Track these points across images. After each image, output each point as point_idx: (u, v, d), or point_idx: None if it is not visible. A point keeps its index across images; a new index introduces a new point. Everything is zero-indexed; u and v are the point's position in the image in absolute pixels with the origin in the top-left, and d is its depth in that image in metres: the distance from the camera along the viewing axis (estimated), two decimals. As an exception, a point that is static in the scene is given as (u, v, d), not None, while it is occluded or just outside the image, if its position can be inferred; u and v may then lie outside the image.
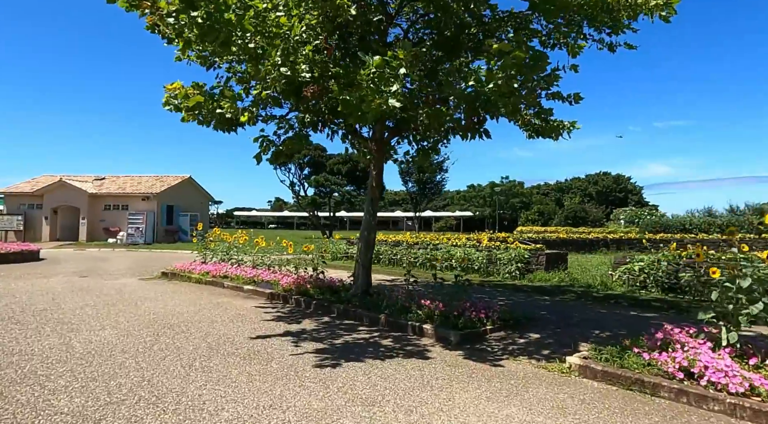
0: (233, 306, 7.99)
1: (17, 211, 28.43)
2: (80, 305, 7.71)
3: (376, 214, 8.64)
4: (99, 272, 13.05)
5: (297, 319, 7.01)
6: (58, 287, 9.85)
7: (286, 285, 8.98)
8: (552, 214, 49.51)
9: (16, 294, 8.76)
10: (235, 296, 9.20)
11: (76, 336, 5.64)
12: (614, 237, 22.41)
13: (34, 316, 6.78)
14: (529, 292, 9.68)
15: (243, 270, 10.65)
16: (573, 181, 74.97)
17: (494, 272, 11.99)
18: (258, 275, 10.14)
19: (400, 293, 7.30)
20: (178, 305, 7.99)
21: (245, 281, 10.08)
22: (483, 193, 60.73)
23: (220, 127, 7.27)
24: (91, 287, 9.94)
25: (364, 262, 8.32)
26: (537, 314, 7.18)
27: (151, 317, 6.86)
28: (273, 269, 10.49)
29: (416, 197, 32.69)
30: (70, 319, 6.63)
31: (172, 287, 10.19)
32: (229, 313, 7.37)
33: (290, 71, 5.59)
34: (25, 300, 8.14)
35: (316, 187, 37.20)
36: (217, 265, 11.66)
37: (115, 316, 6.91)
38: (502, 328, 6.18)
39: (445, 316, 6.16)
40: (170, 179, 30.42)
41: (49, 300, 8.18)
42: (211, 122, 7.24)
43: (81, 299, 8.41)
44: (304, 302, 8.11)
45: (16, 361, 4.60)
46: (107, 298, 8.54)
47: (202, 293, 9.46)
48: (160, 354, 4.93)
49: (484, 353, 5.19)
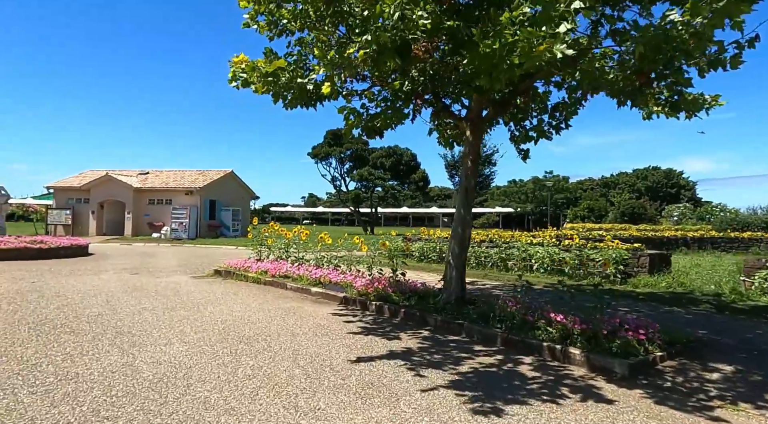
0: (307, 313, 6.87)
1: (66, 205, 28.68)
2: (137, 309, 6.77)
3: (471, 207, 7.32)
4: (149, 269, 12.32)
5: (390, 332, 5.80)
6: (110, 286, 9.04)
7: (361, 288, 7.80)
8: (603, 210, 46.70)
9: (68, 294, 7.95)
10: (303, 299, 8.10)
11: (140, 353, 4.60)
12: (694, 235, 20.24)
13: (89, 323, 5.84)
14: (644, 300, 8.14)
15: (306, 270, 9.56)
16: (620, 177, 71.26)
17: (587, 274, 10.46)
18: (324, 275, 9.02)
19: (510, 303, 5.97)
20: (244, 311, 6.94)
21: (311, 282, 8.99)
22: (525, 189, 58.20)
23: (298, 103, 6.14)
24: (145, 287, 9.08)
25: (458, 264, 7.03)
26: (699, 335, 5.68)
27: (220, 327, 5.80)
28: (341, 269, 9.35)
29: (463, 192, 31.22)
30: (129, 328, 5.65)
31: (230, 288, 9.22)
32: (307, 322, 6.24)
33: (404, 22, 4.34)
34: (78, 302, 7.29)
35: (359, 181, 36.07)
36: (275, 263, 10.64)
37: (180, 324, 5.90)
38: (671, 355, 4.76)
39: (591, 336, 4.79)
40: (212, 174, 30.04)
41: (103, 302, 7.31)
42: (287, 97, 6.12)
43: (137, 301, 7.50)
44: (389, 310, 6.90)
45: (73, 392, 3.56)
46: (165, 300, 7.60)
47: (265, 295, 8.42)
48: (249, 385, 3.79)
49: (677, 394, 3.81)
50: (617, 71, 4.35)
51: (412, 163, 36.42)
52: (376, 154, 36.42)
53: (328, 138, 36.15)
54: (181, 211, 26.56)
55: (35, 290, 8.27)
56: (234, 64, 6.34)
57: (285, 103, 6.40)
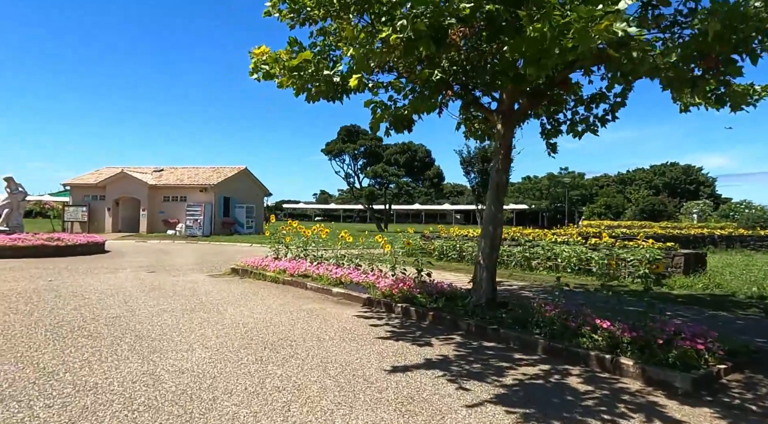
0: (330, 315, 6.59)
1: (82, 202, 28.87)
2: (156, 311, 6.55)
3: (502, 204, 6.96)
4: (165, 267, 12.16)
5: (420, 337, 5.48)
6: (127, 285, 8.86)
7: (384, 289, 7.49)
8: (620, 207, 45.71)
9: (86, 294, 7.77)
10: (324, 300, 7.82)
11: (161, 360, 4.35)
12: (722, 233, 19.53)
13: (107, 326, 5.62)
14: (684, 303, 7.70)
15: (326, 269, 9.28)
16: (636, 173, 69.87)
17: (617, 275, 10.02)
18: (345, 275, 8.73)
19: (548, 308, 5.60)
20: (266, 312, 6.68)
21: (331, 282, 8.70)
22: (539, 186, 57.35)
23: (323, 96, 5.82)
24: (162, 286, 8.89)
25: (489, 265, 6.67)
26: (759, 344, 5.25)
27: (242, 331, 5.53)
28: (362, 268, 9.05)
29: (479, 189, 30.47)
30: (148, 331, 5.41)
31: (249, 287, 8.98)
32: (332, 326, 5.95)
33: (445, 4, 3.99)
34: (95, 302, 7.10)
35: (373, 178, 35.71)
36: (294, 262, 10.39)
37: (200, 327, 5.65)
38: (735, 367, 4.36)
39: (643, 345, 4.42)
40: (226, 171, 29.98)
41: (120, 302, 7.11)
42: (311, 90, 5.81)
43: (155, 301, 7.28)
44: (416, 313, 6.58)
45: (91, 405, 3.30)
46: (183, 301, 7.37)
47: (285, 295, 8.16)
48: (280, 399, 3.50)
49: (752, 415, 3.42)
50: (678, 55, 3.94)
51: (426, 160, 35.98)
52: (390, 150, 35.99)
53: (342, 134, 35.86)
54: (195, 208, 26.53)
55: (52, 289, 8.12)
56: (255, 56, 6.05)
57: (308, 97, 6.10)
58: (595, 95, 6.79)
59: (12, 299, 7.19)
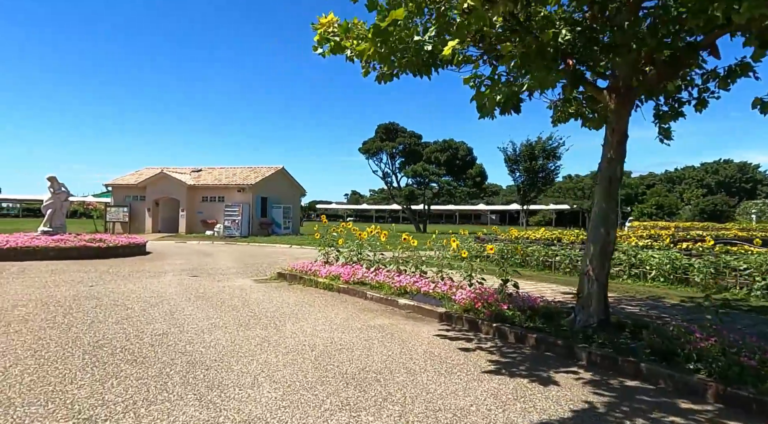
0: (406, 334, 5.54)
1: (123, 202, 29.05)
2: (207, 326, 5.67)
3: (616, 202, 5.72)
4: (208, 271, 11.46)
5: (534, 370, 4.34)
6: (171, 292, 8.10)
7: (463, 302, 6.39)
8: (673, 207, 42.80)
9: (128, 303, 7.02)
10: (391, 313, 6.79)
11: (223, 401, 3.40)
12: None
13: (153, 346, 4.75)
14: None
15: (387, 276, 8.26)
16: (686, 171, 65.98)
17: (725, 286, 8.54)
18: (410, 283, 7.68)
19: (697, 335, 4.36)
20: (330, 329, 5.70)
21: (394, 291, 7.67)
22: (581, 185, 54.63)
23: (411, 68, 4.78)
24: (208, 293, 8.08)
25: (600, 276, 5.47)
26: None
27: (311, 356, 4.55)
28: (429, 277, 7.96)
29: (525, 188, 28.84)
30: (201, 354, 4.51)
31: (302, 296, 8.05)
32: (415, 349, 4.90)
33: None
34: (139, 313, 6.31)
35: (413, 177, 34.50)
36: (347, 267, 9.43)
37: (261, 350, 4.70)
38: None
39: None
40: (264, 170, 29.55)
41: (166, 314, 6.29)
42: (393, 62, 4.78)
43: (203, 313, 6.43)
44: (512, 334, 5.43)
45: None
46: (234, 313, 6.49)
47: (345, 307, 7.18)
48: (398, 478, 2.46)
49: None
50: None
51: (467, 158, 34.43)
52: (430, 148, 34.64)
53: (380, 132, 34.83)
54: (233, 208, 26.14)
55: (93, 297, 7.43)
56: (321, 27, 5.08)
57: (386, 71, 5.08)
58: (734, 67, 5.45)
59: (51, 308, 6.50)
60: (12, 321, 5.67)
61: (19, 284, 8.55)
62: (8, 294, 7.53)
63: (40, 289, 8.10)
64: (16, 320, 5.72)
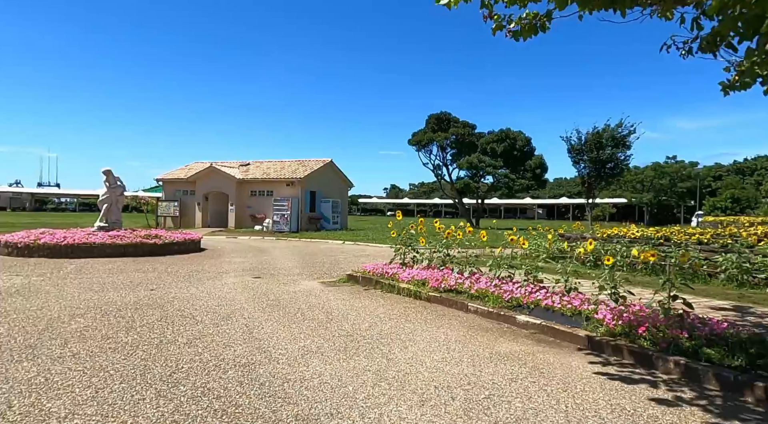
0: (556, 369, 4.18)
1: (173, 197, 29.06)
2: (298, 352, 4.52)
3: None
4: (270, 271, 10.50)
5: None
6: (240, 299, 7.09)
7: (614, 325, 4.95)
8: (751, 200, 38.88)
9: (196, 314, 6.02)
10: (512, 334, 5.44)
11: None
12: None
13: (241, 385, 3.62)
14: None
15: (494, 285, 6.90)
16: (758, 161, 60.51)
17: None
18: (526, 294, 6.28)
19: None
20: (456, 360, 4.42)
21: (504, 303, 6.31)
22: (641, 177, 50.97)
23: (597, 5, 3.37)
24: (281, 301, 7.01)
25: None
26: None
27: (457, 409, 3.28)
28: (549, 287, 6.52)
29: (591, 181, 26.43)
30: (308, 403, 3.32)
31: (389, 306, 6.83)
32: (588, 396, 3.53)
33: None
34: (211, 329, 5.27)
35: (468, 169, 32.68)
36: (433, 270, 8.14)
37: (382, 395, 3.47)
38: None
39: None
40: (312, 163, 28.75)
41: (244, 332, 5.21)
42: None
43: (287, 331, 5.31)
44: (716, 379, 3.93)
45: None
46: (324, 332, 5.34)
47: (449, 323, 5.89)
48: None
49: None
50: None
51: (525, 149, 32.19)
52: (485, 139, 32.58)
53: (431, 123, 33.15)
54: (282, 202, 25.47)
55: (156, 304, 6.50)
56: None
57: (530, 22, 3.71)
58: None
59: (111, 320, 5.58)
60: (70, 338, 4.74)
61: (76, 286, 7.80)
62: (66, 299, 6.73)
63: (99, 293, 7.28)
64: (74, 337, 4.78)
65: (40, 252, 11.60)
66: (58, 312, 5.91)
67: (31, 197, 68.20)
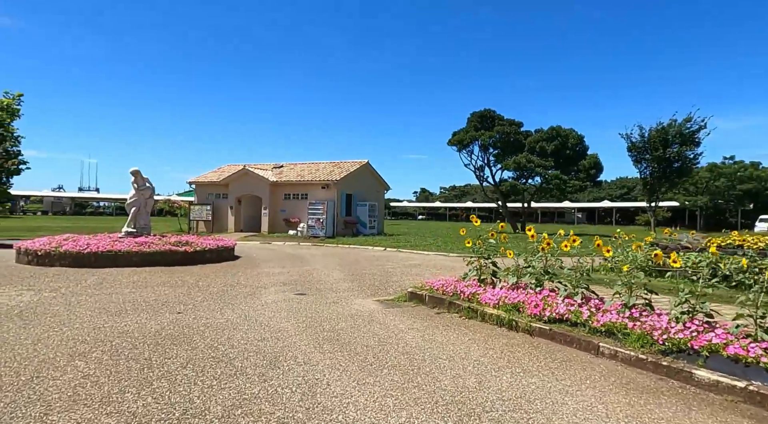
0: None
1: (206, 200, 28.19)
2: (394, 439, 2.86)
3: None
4: (315, 285, 8.95)
5: None
6: (288, 328, 5.51)
7: None
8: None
9: (233, 354, 4.46)
10: (695, 400, 3.62)
11: None
12: None
13: None
14: None
15: (617, 315, 5.06)
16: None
17: None
18: (691, 336, 4.43)
19: None
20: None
21: (658, 347, 4.47)
22: (695, 179, 47.23)
23: None
24: (342, 333, 5.39)
25: None
26: None
27: None
28: (715, 320, 4.65)
29: (653, 182, 23.86)
30: None
31: (484, 343, 5.10)
32: None
33: None
34: (258, 387, 3.68)
35: (515, 170, 30.46)
36: (525, 291, 6.36)
37: None
38: None
39: None
40: (348, 165, 27.30)
41: (303, 392, 3.59)
42: None
43: (362, 389, 3.67)
44: None
45: None
46: (417, 393, 3.66)
47: (589, 375, 4.12)
48: None
49: None
50: None
51: (578, 148, 29.77)
52: (533, 138, 30.27)
53: (474, 121, 31.15)
54: (317, 206, 24.07)
55: (182, 337, 4.99)
56: None
57: None
58: None
59: (121, 364, 4.07)
60: (54, 404, 3.23)
61: (90, 307, 6.43)
62: (73, 327, 5.32)
63: (115, 317, 5.86)
64: (61, 400, 3.28)
65: (61, 261, 10.45)
66: (56, 349, 4.47)
67: (71, 201, 69.86)
